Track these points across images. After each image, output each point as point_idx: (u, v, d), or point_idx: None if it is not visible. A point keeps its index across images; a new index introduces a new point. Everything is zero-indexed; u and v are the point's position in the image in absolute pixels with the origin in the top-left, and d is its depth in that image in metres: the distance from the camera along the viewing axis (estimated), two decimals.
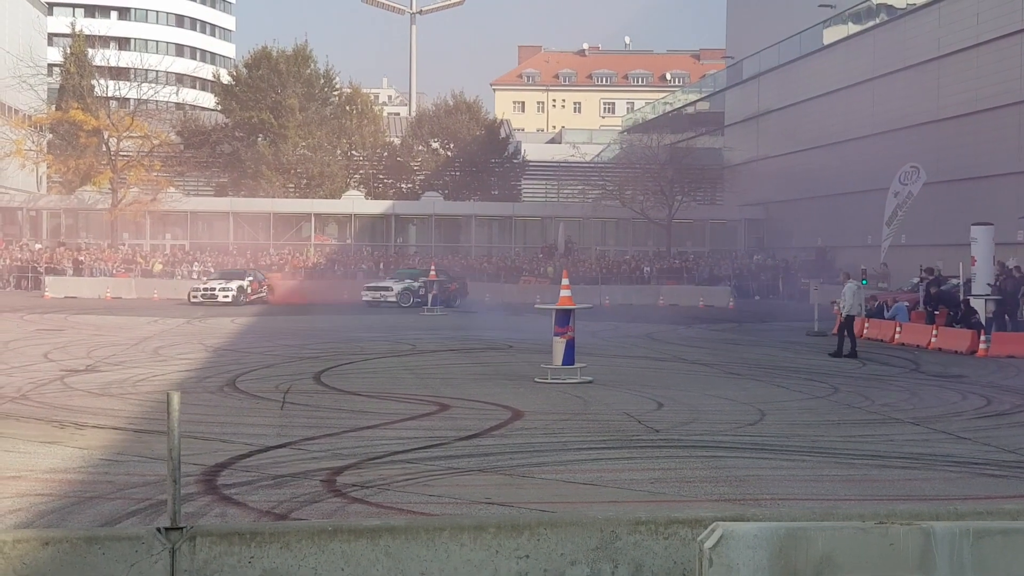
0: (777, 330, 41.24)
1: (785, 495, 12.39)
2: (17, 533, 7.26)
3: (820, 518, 7.21)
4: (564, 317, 22.91)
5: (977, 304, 35.09)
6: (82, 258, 63.92)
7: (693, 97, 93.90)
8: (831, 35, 66.85)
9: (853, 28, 64.61)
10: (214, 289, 52.36)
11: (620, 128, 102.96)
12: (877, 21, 61.75)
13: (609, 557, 7.01)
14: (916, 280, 43.01)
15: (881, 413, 19.13)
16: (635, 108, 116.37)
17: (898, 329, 35.98)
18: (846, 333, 30.05)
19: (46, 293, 56.39)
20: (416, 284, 53.15)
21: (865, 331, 37.67)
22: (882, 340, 36.21)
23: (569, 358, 22.84)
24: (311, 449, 14.67)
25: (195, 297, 52.41)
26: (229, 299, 51.62)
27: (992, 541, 6.64)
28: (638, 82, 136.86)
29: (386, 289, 53.90)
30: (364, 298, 53.74)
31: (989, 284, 37.27)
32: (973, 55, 52.44)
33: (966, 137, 52.87)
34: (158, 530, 6.95)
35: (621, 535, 7.04)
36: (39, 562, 6.78)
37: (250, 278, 54.81)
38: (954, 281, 39.06)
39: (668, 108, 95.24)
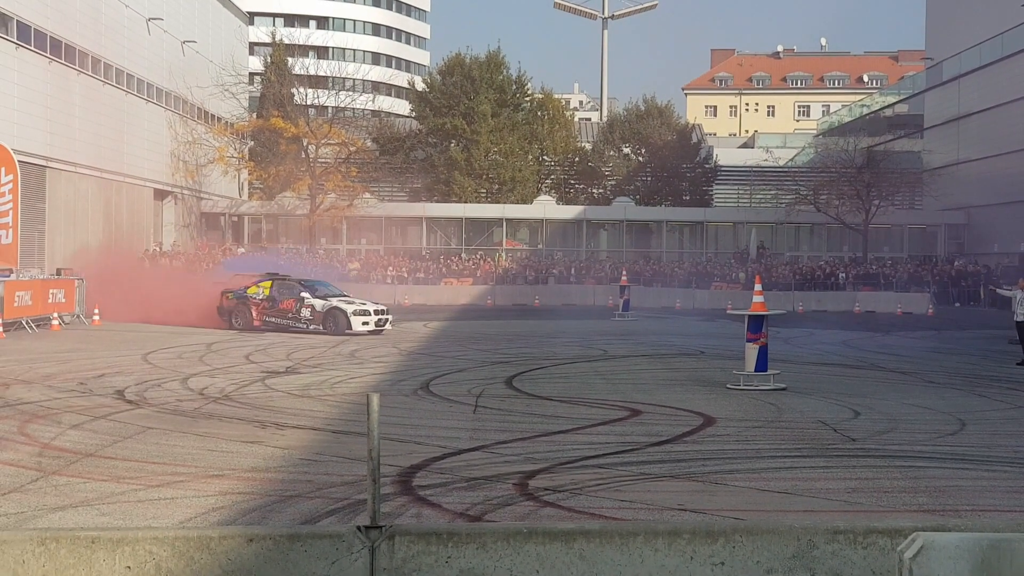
0: (978, 338, 40.11)
1: (986, 506, 12.06)
2: (223, 530, 7.51)
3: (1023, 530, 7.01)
4: (757, 323, 22.66)
5: None
6: (281, 261, 65.59)
7: (891, 99, 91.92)
8: None
9: None
10: None
11: (815, 132, 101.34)
12: None
13: (806, 566, 6.93)
14: None
15: None
16: (831, 111, 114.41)
17: None
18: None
19: None
20: None
21: None
22: None
23: (762, 364, 22.58)
24: (503, 453, 14.80)
25: None
26: None
27: None
28: (834, 84, 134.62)
29: None
30: None
31: None
32: None
33: None
34: (358, 528, 7.10)
35: (818, 544, 6.94)
36: (243, 558, 6.99)
37: None
38: None
39: (865, 110, 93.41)
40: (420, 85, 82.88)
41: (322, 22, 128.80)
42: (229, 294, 38.76)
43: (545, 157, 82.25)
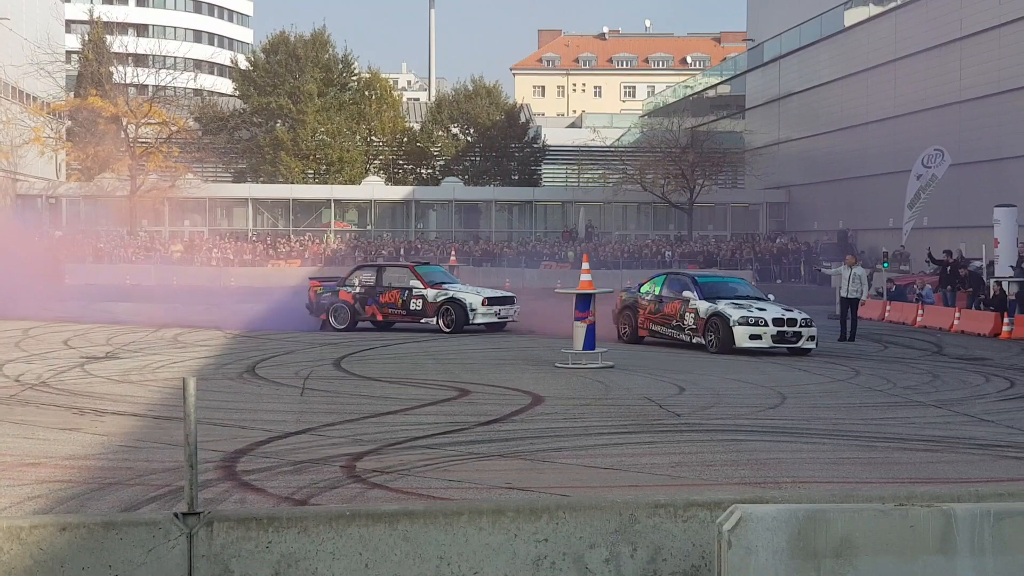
0: None
1: (806, 478, 12.33)
2: (34, 519, 7.26)
3: (840, 500, 7.16)
4: (585, 302, 22.85)
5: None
6: (101, 245, 64.08)
7: (714, 80, 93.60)
8: (852, 16, 66.51)
9: (875, 9, 64.27)
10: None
11: (641, 112, 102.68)
12: (899, 2, 61.41)
13: (628, 540, 6.97)
14: (930, 266, 42.67)
15: (903, 396, 19.03)
16: (656, 92, 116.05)
17: (920, 312, 35.83)
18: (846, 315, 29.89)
19: (66, 280, 56.50)
20: None
21: (887, 314, 37.57)
22: (904, 323, 36.07)
23: (590, 343, 22.78)
24: (331, 435, 14.65)
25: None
26: None
27: (1013, 522, 6.58)
28: (659, 65, 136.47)
29: None
30: None
31: (1011, 266, 37.07)
32: (996, 35, 52.11)
33: (989, 119, 52.58)
34: (175, 515, 6.94)
35: (640, 518, 7.00)
36: (56, 547, 6.77)
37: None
38: (977, 263, 38.88)
39: (689, 91, 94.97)
40: (244, 64, 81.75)
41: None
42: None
43: (373, 137, 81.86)
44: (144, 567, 6.82)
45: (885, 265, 46.34)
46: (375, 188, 77.50)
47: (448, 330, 30.72)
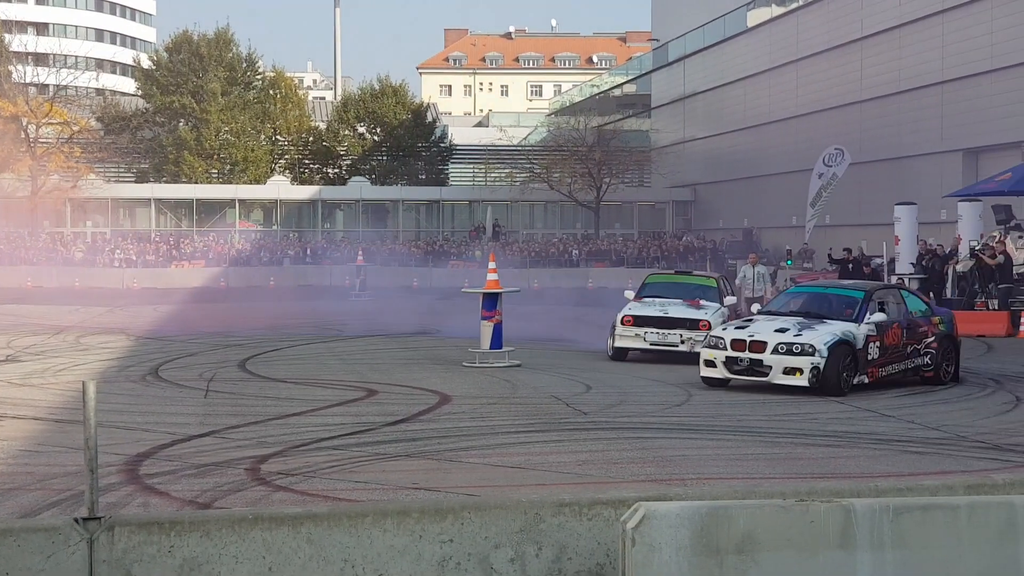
0: None
1: (710, 474, 12.45)
2: None
3: (742, 496, 7.23)
4: (491, 301, 22.88)
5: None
6: (1, 246, 62.97)
7: (620, 80, 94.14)
8: (755, 17, 67.23)
9: (777, 10, 65.02)
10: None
11: (547, 111, 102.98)
12: (800, 3, 62.19)
13: (533, 540, 6.99)
14: (830, 264, 43.30)
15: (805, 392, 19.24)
16: (562, 91, 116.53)
17: None
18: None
19: None
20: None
21: None
22: None
23: (497, 342, 22.82)
24: (235, 437, 14.52)
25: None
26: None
27: (911, 517, 6.69)
28: (565, 65, 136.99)
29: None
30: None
31: (912, 263, 37.75)
32: (896, 36, 52.95)
33: (889, 118, 53.42)
34: (75, 520, 6.84)
35: (545, 517, 7.02)
36: None
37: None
38: (878, 261, 39.51)
39: (595, 91, 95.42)
40: (146, 63, 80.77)
41: None
42: None
43: (278, 137, 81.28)
44: (43, 573, 6.72)
45: (789, 263, 47.02)
46: (281, 188, 76.95)
47: None
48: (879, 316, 19.46)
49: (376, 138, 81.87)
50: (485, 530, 6.98)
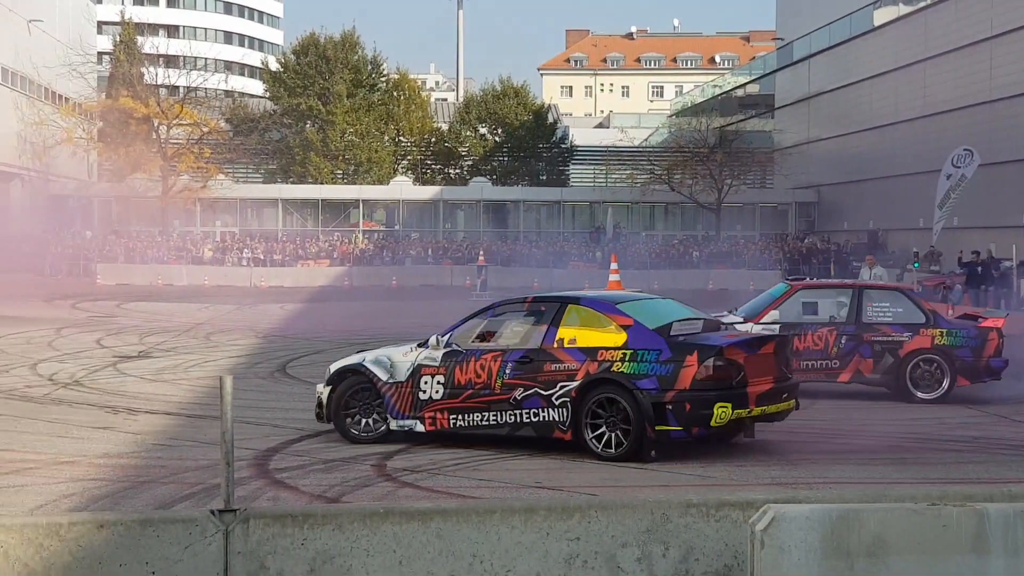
0: None
1: (837, 478, 12.33)
2: (72, 516, 7.35)
3: (872, 500, 7.17)
4: None
5: None
6: (133, 245, 64.37)
7: (743, 80, 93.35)
8: (882, 16, 66.23)
9: (904, 9, 63.99)
10: None
11: (669, 112, 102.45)
12: (928, 1, 61.15)
13: (660, 539, 7.01)
14: (959, 267, 42.57)
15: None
16: (684, 91, 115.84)
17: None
18: None
19: (98, 280, 56.83)
20: None
21: None
22: None
23: None
24: None
25: None
26: None
27: None
28: (687, 65, 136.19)
29: None
30: None
31: None
32: None
33: (1020, 118, 52.24)
34: (212, 512, 7.01)
35: (672, 518, 7.03)
36: (94, 544, 6.85)
37: None
38: (1007, 264, 38.69)
39: (717, 91, 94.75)
40: (274, 65, 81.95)
41: (172, 0, 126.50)
42: None
43: (401, 138, 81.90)
44: (181, 564, 6.90)
45: (916, 265, 46.21)
46: (403, 188, 77.59)
47: None
48: None
49: (497, 139, 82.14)
50: (612, 529, 7.02)
